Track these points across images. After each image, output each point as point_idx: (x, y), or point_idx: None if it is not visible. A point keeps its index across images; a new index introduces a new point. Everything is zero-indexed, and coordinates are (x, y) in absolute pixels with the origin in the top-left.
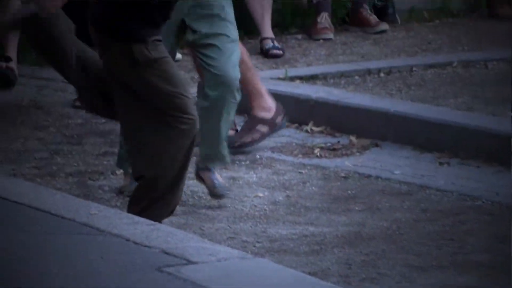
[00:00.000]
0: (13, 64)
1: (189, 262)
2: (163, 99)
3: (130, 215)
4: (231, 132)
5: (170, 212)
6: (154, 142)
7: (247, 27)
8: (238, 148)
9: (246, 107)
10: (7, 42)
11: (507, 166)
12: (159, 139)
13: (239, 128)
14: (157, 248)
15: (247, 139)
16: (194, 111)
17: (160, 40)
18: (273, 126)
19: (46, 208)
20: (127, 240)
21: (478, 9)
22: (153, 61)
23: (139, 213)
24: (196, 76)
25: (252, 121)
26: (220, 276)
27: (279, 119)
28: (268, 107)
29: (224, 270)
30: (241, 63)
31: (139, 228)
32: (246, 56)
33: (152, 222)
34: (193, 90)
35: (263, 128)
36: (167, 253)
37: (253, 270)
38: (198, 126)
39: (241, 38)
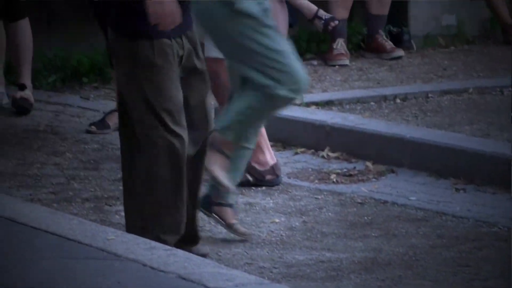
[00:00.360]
0: (28, 91)
1: (206, 287)
2: (149, 110)
3: (147, 240)
4: None
5: (174, 233)
6: (139, 161)
7: None
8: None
9: None
10: (21, 69)
11: None
12: (143, 158)
13: None
14: (174, 274)
15: None
16: (180, 129)
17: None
18: (259, 180)
19: (63, 233)
20: (144, 265)
21: (493, 36)
22: (152, 65)
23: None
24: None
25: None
26: None
27: (269, 177)
28: (264, 161)
29: None
30: None
31: (156, 253)
32: None
33: (169, 247)
34: None
35: (250, 177)
36: (184, 279)
37: None
38: (184, 146)
39: None
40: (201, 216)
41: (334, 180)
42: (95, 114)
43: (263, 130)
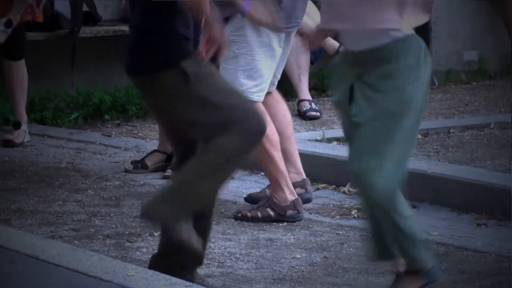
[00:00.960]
0: (24, 128)
1: None
2: (218, 112)
3: (167, 276)
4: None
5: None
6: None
7: (285, 88)
8: (238, 218)
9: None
10: (16, 107)
11: None
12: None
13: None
14: None
15: (251, 214)
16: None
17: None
18: (281, 215)
19: (83, 270)
20: None
21: None
22: (196, 75)
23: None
24: None
25: (268, 201)
26: None
27: (290, 212)
28: (283, 198)
29: None
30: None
31: None
32: (273, 129)
33: (190, 283)
34: None
35: (271, 212)
36: None
37: None
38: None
39: None
40: (217, 252)
41: (356, 215)
42: (117, 151)
43: (282, 167)
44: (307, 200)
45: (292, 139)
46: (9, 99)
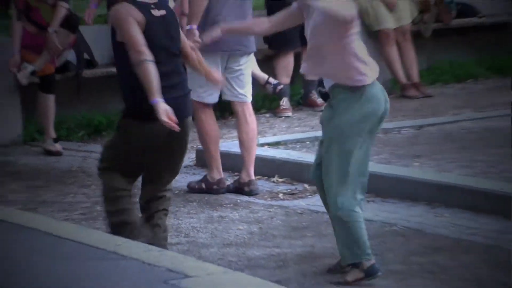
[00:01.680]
0: (59, 146)
1: (186, 276)
2: None
3: (146, 244)
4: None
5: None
6: None
7: (228, 107)
8: (188, 187)
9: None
10: (47, 129)
11: (415, 201)
12: None
13: None
14: (164, 267)
15: (193, 185)
16: None
17: None
18: (209, 189)
19: (86, 241)
20: (143, 262)
21: (393, 92)
22: None
23: None
24: (195, 145)
25: (204, 177)
26: (209, 285)
27: (215, 187)
28: (211, 177)
29: (212, 281)
30: (205, 134)
31: (152, 254)
32: (213, 128)
33: (161, 249)
34: (192, 155)
35: (203, 185)
36: (171, 271)
37: (232, 280)
38: None
39: (225, 117)
40: (183, 226)
41: (282, 197)
42: None
43: (214, 154)
44: (249, 193)
45: (249, 150)
46: (41, 123)
